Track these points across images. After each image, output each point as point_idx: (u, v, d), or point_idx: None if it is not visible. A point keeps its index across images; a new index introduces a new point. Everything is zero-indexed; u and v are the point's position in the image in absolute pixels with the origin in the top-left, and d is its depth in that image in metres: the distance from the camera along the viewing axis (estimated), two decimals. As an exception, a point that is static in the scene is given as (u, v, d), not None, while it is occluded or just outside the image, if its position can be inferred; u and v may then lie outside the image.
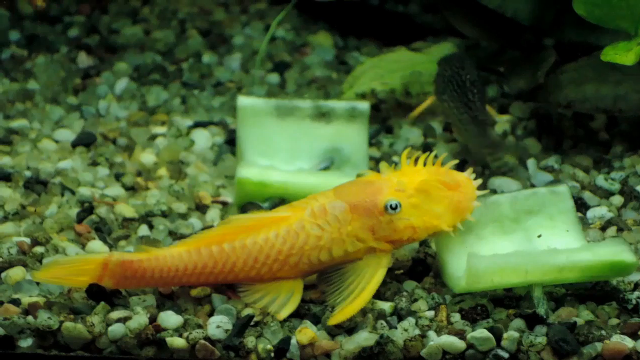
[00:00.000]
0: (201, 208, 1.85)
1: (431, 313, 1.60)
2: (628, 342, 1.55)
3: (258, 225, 1.61)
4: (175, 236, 1.78)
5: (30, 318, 1.58)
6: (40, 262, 1.69)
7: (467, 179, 1.64)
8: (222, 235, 1.61)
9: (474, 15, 2.07)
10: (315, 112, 1.91)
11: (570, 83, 1.92)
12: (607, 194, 1.85)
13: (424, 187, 1.61)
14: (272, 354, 1.56)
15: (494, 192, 1.83)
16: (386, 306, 1.60)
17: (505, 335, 1.55)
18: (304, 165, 1.88)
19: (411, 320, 1.58)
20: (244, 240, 1.60)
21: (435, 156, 1.65)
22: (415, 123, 2.03)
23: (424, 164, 1.65)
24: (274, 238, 1.60)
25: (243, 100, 1.91)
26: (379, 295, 1.62)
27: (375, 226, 1.61)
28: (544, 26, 2.03)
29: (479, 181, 1.65)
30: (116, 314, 1.58)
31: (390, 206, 1.60)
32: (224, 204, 1.86)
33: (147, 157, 1.96)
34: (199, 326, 1.58)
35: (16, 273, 1.66)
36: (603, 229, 1.77)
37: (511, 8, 2.01)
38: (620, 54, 1.78)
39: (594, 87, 1.90)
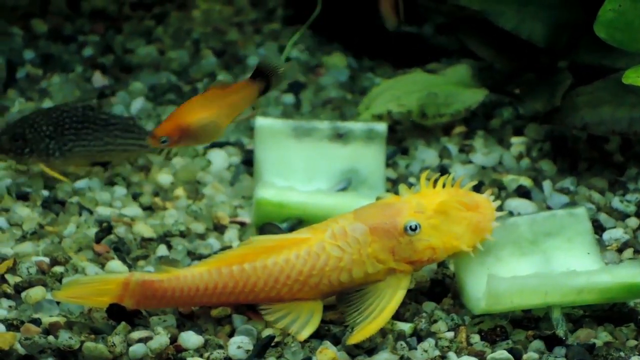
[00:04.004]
0: (219, 228, 1.86)
1: (451, 334, 1.60)
2: (647, 364, 1.56)
3: (279, 246, 1.61)
4: (194, 256, 1.78)
5: (51, 338, 1.57)
6: (60, 281, 1.69)
7: (486, 200, 1.64)
8: (243, 255, 1.61)
9: (488, 37, 2.08)
10: (333, 133, 1.91)
11: (586, 105, 1.93)
12: (622, 216, 1.86)
13: (443, 208, 1.62)
14: (294, 374, 1.56)
15: (510, 214, 1.83)
16: (406, 327, 1.60)
17: (525, 356, 1.56)
18: (321, 186, 1.88)
19: (431, 341, 1.58)
20: (265, 260, 1.61)
21: (454, 178, 1.66)
22: (430, 144, 2.04)
23: (443, 186, 1.66)
24: (294, 259, 1.61)
25: (261, 121, 1.91)
26: (398, 316, 1.62)
27: (395, 247, 1.61)
28: (559, 48, 2.05)
29: (498, 202, 1.65)
30: (137, 334, 1.58)
31: (410, 227, 1.61)
32: (242, 224, 1.86)
33: (164, 177, 1.96)
34: (220, 346, 1.58)
35: (36, 293, 1.65)
36: (620, 250, 1.77)
37: (526, 30, 2.02)
38: (642, 77, 1.79)
39: (610, 109, 1.91)
